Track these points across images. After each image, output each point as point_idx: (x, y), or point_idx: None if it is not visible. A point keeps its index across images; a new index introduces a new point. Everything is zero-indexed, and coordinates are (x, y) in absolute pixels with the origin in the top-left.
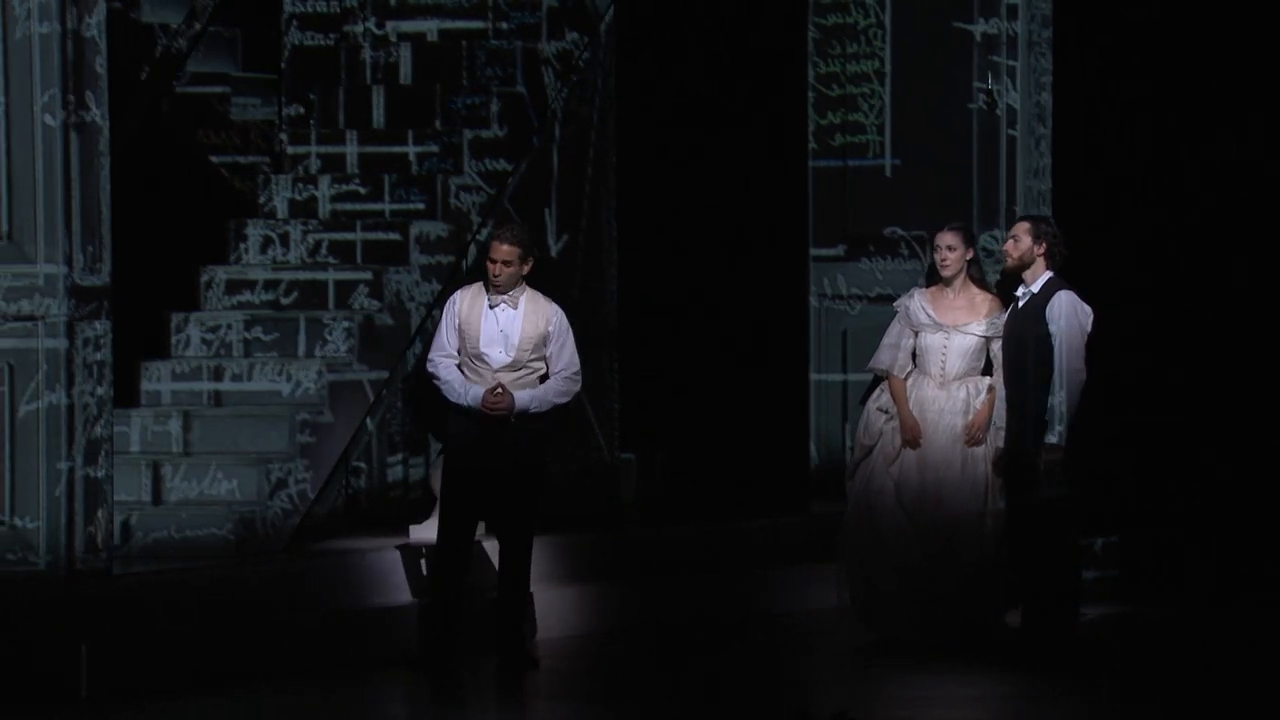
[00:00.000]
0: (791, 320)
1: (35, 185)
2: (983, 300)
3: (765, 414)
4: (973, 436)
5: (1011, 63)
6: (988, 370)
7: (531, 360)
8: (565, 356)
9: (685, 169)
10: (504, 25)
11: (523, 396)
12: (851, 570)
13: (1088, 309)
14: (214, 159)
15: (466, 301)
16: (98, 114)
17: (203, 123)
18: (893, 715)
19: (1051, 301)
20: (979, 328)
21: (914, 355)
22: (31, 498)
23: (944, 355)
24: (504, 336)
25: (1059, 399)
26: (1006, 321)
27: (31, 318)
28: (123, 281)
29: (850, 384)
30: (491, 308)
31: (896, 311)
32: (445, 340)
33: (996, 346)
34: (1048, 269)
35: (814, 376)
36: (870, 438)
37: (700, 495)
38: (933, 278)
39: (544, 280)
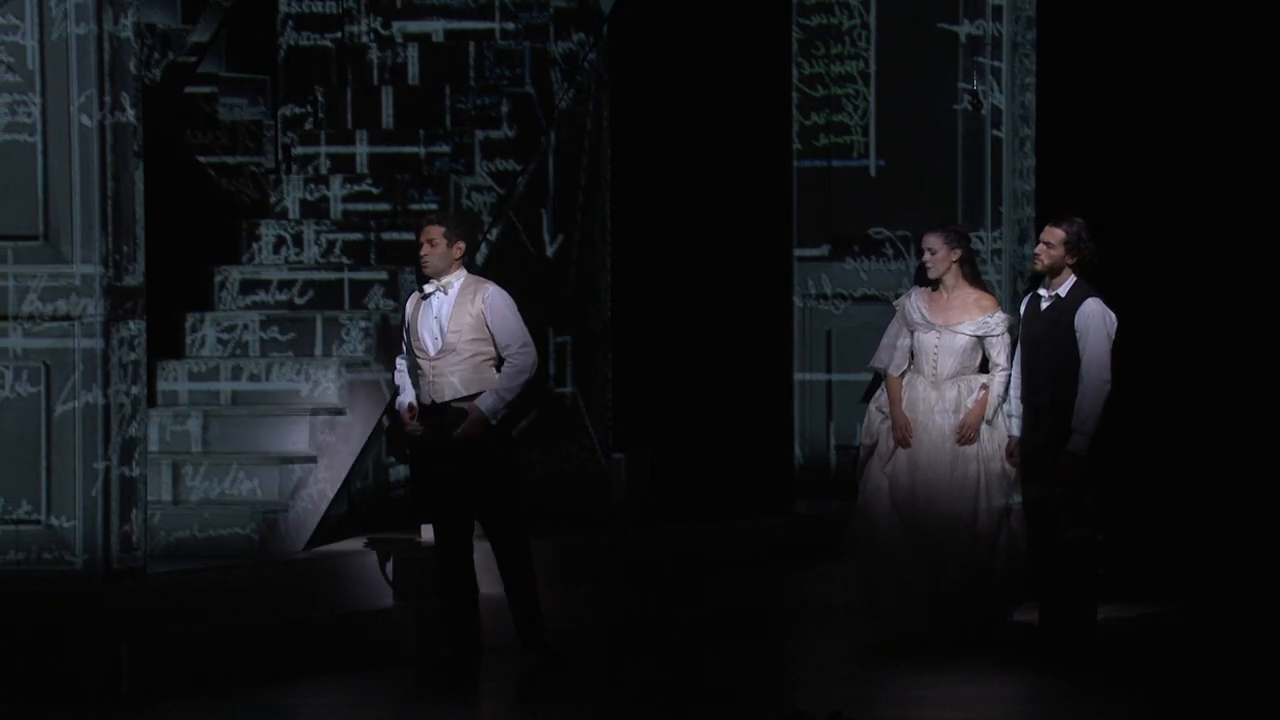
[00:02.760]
0: (777, 320)
1: (71, 186)
2: (975, 300)
3: (752, 414)
4: (964, 435)
5: (996, 64)
6: (985, 369)
7: (469, 343)
8: (507, 333)
9: (675, 171)
10: (510, 26)
11: (486, 401)
12: (858, 569)
13: (1113, 317)
14: (201, 159)
15: (414, 299)
16: (131, 115)
17: (190, 123)
18: (892, 715)
19: (1080, 309)
20: (969, 327)
21: (912, 354)
22: (68, 497)
23: (936, 354)
24: (436, 323)
25: (1081, 407)
26: (1024, 321)
27: (68, 318)
28: None
29: (835, 384)
30: (426, 297)
31: (884, 311)
32: (403, 344)
33: (993, 345)
34: (1074, 274)
35: (798, 376)
36: (870, 437)
37: (689, 495)
38: (921, 278)
39: (539, 279)
